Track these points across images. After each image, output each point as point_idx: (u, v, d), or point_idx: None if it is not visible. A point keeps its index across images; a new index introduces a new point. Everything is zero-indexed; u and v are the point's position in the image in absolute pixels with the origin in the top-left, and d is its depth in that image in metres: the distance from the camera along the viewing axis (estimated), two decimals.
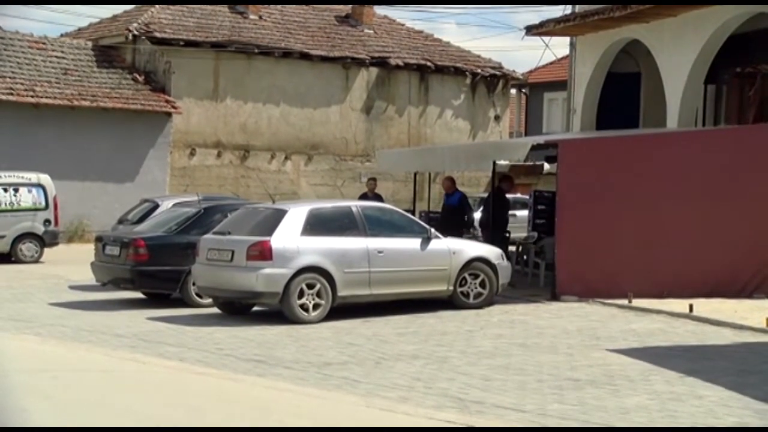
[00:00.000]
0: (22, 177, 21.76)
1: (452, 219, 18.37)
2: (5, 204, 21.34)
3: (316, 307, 13.54)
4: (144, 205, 19.51)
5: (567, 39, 23.64)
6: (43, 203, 21.75)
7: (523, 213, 20.74)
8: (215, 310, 14.42)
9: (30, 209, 21.61)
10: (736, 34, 19.18)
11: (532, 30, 23.01)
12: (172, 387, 9.63)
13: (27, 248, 21.51)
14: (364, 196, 20.05)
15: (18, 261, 21.20)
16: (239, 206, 15.80)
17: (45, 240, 21.69)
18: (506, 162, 24.26)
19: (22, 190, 21.61)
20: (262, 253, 13.37)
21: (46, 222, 21.65)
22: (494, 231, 17.61)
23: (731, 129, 18.94)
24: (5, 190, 21.38)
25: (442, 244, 14.76)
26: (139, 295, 15.75)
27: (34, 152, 25.22)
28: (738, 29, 19.05)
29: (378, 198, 19.69)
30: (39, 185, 21.78)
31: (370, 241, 14.07)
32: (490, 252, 15.33)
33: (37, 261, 21.40)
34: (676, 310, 14.32)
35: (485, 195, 20.78)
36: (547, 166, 26.91)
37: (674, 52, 19.73)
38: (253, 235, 13.71)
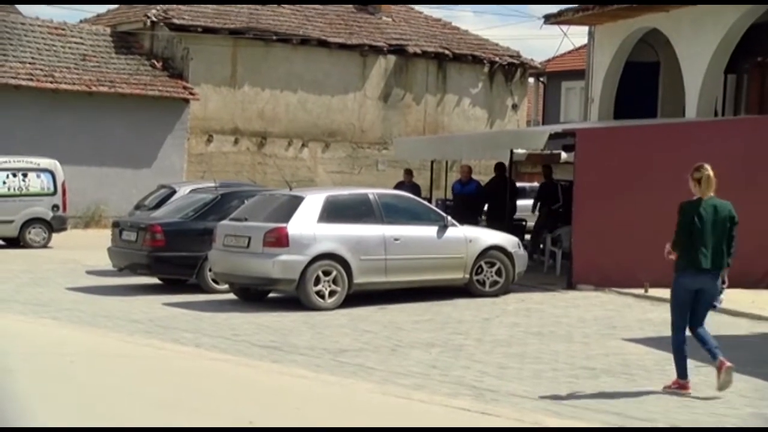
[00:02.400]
0: (31, 162, 21.75)
1: (469, 207, 18.37)
2: (14, 189, 21.35)
3: (332, 294, 13.56)
4: (161, 191, 19.56)
5: (585, 28, 23.55)
6: (52, 188, 21.74)
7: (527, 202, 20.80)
8: (231, 296, 14.46)
9: (38, 194, 21.62)
10: (758, 23, 19.05)
11: (550, 19, 22.93)
12: (187, 372, 9.66)
13: (35, 233, 21.50)
14: (400, 185, 20.01)
15: (26, 246, 21.22)
16: (256, 193, 15.82)
17: (53, 225, 21.67)
18: (523, 151, 24.19)
19: (31, 175, 21.62)
20: (279, 240, 13.39)
21: (55, 207, 21.65)
22: (500, 220, 17.62)
23: (751, 119, 18.82)
24: (14, 175, 21.39)
25: (458, 232, 14.74)
26: (155, 280, 15.80)
27: (53, 137, 25.31)
28: (759, 18, 18.91)
29: (415, 188, 19.55)
30: (48, 170, 21.77)
31: (387, 229, 14.06)
32: (507, 240, 15.31)
33: (45, 246, 21.40)
34: None
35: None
36: (564, 155, 26.80)
37: (694, 42, 19.62)
38: (270, 221, 13.73)
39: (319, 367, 9.85)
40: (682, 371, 8.84)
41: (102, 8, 33.07)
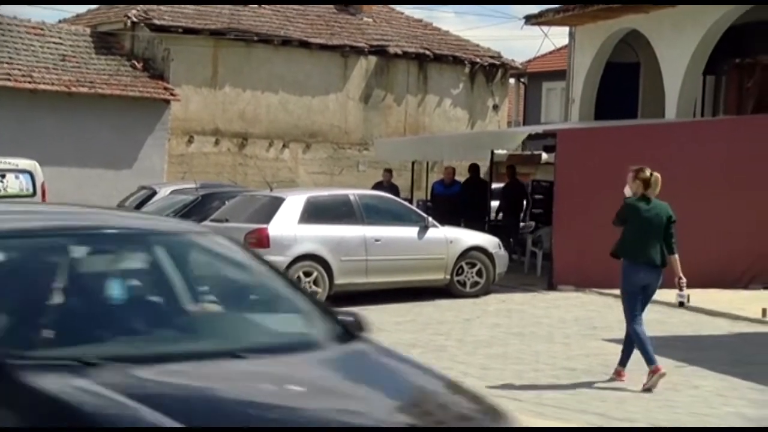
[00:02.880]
0: (9, 163, 21.49)
1: (452, 209, 18.37)
2: None
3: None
4: (141, 192, 19.50)
5: (566, 29, 23.62)
6: (31, 190, 21.51)
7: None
8: None
9: (17, 196, 21.37)
10: (736, 25, 19.17)
11: (531, 19, 23.00)
12: None
13: None
14: (378, 185, 19.99)
15: None
16: (237, 194, 15.80)
17: None
18: (504, 151, 24.26)
19: (9, 176, 21.36)
20: (260, 241, 13.37)
21: None
22: (474, 220, 17.70)
23: (729, 120, 18.93)
24: None
25: (439, 233, 14.76)
26: None
27: (32, 138, 25.15)
28: (738, 20, 19.03)
29: (394, 189, 19.51)
30: (27, 171, 21.54)
31: (368, 230, 14.07)
32: (487, 241, 15.34)
33: None
34: (671, 300, 14.29)
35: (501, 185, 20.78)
36: (545, 155, 26.89)
37: (673, 43, 19.72)
38: (251, 222, 13.71)
39: None
40: (649, 357, 9.11)
41: (82, 8, 32.92)
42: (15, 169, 21.46)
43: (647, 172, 9.63)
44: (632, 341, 9.33)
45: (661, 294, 14.61)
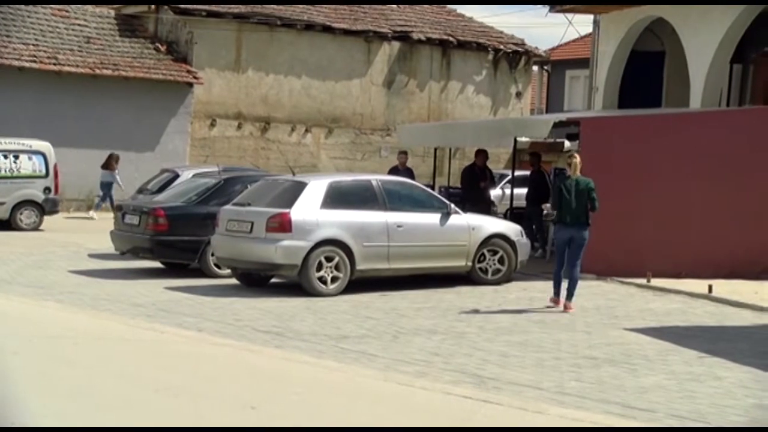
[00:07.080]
0: (23, 144, 21.54)
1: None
2: (5, 171, 21.10)
3: (334, 280, 13.56)
4: (164, 175, 19.54)
5: (590, 16, 23.47)
6: (44, 171, 21.52)
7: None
8: (233, 281, 14.46)
9: (30, 176, 21.42)
10: (765, 13, 18.98)
11: (555, 7, 22.86)
12: (189, 357, 9.67)
13: (26, 216, 21.24)
14: (394, 170, 19.93)
15: (16, 228, 20.96)
16: (259, 178, 15.81)
17: (45, 208, 21.44)
18: (527, 139, 24.17)
19: (23, 157, 21.41)
20: (282, 225, 13.39)
21: (46, 190, 21.38)
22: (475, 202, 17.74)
23: (754, 109, 18.76)
24: (5, 157, 21.15)
25: (461, 219, 14.73)
26: (157, 264, 15.81)
27: (56, 120, 25.27)
28: (767, 8, 18.84)
29: (409, 172, 19.44)
30: (40, 152, 21.56)
31: (390, 215, 14.05)
32: (510, 228, 15.30)
33: (36, 229, 21.14)
34: (695, 290, 14.27)
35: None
36: (567, 143, 26.78)
37: (700, 31, 19.55)
38: (273, 207, 13.72)
39: (322, 353, 9.86)
40: (556, 291, 12.83)
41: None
42: (28, 150, 21.49)
43: (572, 159, 12.90)
44: (573, 279, 12.62)
45: (684, 284, 14.66)
